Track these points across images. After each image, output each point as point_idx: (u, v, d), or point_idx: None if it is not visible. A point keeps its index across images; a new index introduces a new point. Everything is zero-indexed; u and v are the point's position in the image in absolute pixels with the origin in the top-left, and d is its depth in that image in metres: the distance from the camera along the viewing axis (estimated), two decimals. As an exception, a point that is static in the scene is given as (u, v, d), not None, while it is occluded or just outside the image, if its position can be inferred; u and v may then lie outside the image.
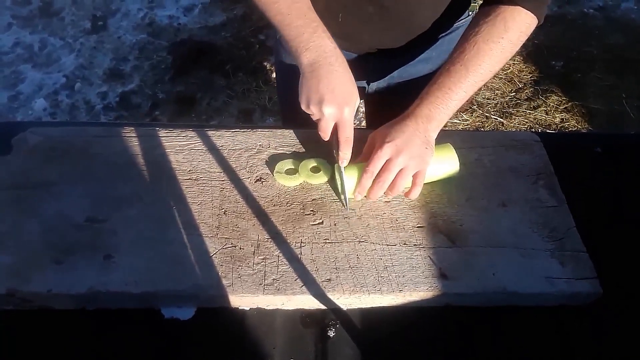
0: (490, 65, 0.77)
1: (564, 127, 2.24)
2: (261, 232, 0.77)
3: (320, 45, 0.76)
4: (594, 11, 2.81)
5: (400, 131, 0.76)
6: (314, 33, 0.76)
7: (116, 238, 0.75)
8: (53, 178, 0.82)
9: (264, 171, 0.85)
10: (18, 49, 2.53)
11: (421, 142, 0.76)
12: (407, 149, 0.75)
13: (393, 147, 0.75)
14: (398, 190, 0.77)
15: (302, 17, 0.76)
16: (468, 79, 0.77)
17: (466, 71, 0.76)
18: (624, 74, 2.47)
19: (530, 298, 0.73)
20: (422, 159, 0.77)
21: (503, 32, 0.76)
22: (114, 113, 2.30)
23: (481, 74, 0.77)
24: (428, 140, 0.77)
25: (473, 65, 0.76)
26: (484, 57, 0.76)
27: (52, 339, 0.69)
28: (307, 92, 0.77)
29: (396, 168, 0.75)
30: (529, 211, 0.81)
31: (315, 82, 0.76)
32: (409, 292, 0.71)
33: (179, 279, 0.71)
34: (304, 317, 0.72)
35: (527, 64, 2.52)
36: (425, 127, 0.77)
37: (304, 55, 0.76)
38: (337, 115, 0.77)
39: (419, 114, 0.77)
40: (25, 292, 0.69)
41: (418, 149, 0.76)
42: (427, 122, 0.77)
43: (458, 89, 0.77)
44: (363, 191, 0.78)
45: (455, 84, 0.77)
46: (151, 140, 0.88)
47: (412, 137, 0.76)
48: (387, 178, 0.76)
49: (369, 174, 0.76)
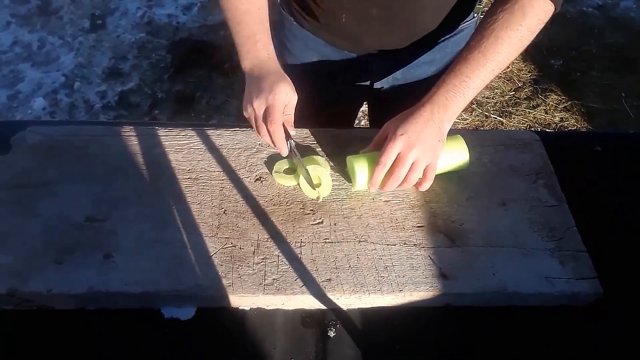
0: (508, 53, 0.76)
1: (563, 126, 2.24)
2: (261, 232, 0.76)
3: (256, 56, 0.82)
4: (593, 10, 2.81)
5: (414, 122, 0.76)
6: (254, 45, 0.82)
7: (116, 238, 0.75)
8: (52, 177, 0.82)
9: (263, 170, 0.85)
10: (17, 48, 2.53)
11: (434, 135, 0.76)
12: (419, 142, 0.75)
13: (406, 140, 0.75)
14: (411, 184, 0.78)
15: (248, 29, 0.83)
16: (486, 67, 0.76)
17: (484, 59, 0.76)
18: (623, 73, 2.47)
19: (530, 298, 0.73)
20: (434, 152, 0.76)
21: (521, 20, 0.75)
22: (113, 112, 2.29)
23: (499, 61, 0.76)
24: (441, 133, 0.77)
25: (491, 53, 0.75)
26: (502, 45, 0.75)
27: (52, 339, 0.69)
28: (245, 96, 0.82)
29: (409, 162, 0.75)
30: (529, 210, 0.81)
31: (249, 87, 0.81)
32: (409, 292, 0.71)
33: (179, 279, 0.71)
34: (304, 317, 0.72)
35: (527, 63, 2.52)
36: (440, 117, 0.76)
37: (243, 63, 0.83)
38: (263, 105, 0.78)
39: (435, 102, 0.77)
40: (25, 292, 0.69)
41: (431, 142, 0.76)
42: (443, 111, 0.76)
43: (476, 77, 0.76)
44: (376, 183, 0.78)
45: (473, 72, 0.76)
46: (150, 139, 0.88)
47: (425, 129, 0.75)
48: (402, 173, 0.76)
49: (381, 166, 0.76)
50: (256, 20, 0.83)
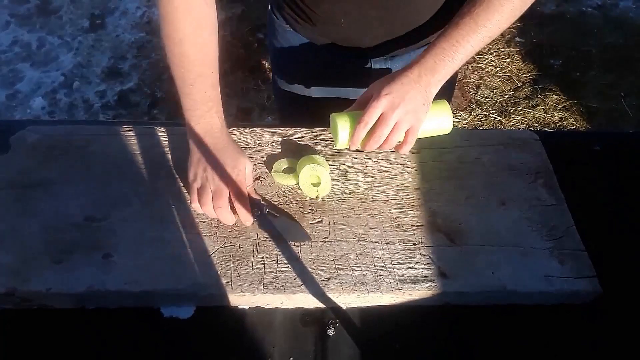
0: (499, 21, 0.75)
1: (562, 125, 2.24)
2: (260, 231, 0.76)
3: (209, 123, 0.78)
4: (592, 10, 2.81)
5: (400, 83, 0.75)
6: (208, 111, 0.78)
7: (115, 237, 0.75)
8: (51, 177, 0.82)
9: (262, 170, 0.85)
10: (16, 48, 2.53)
11: (419, 97, 0.75)
12: (404, 104, 0.74)
13: (390, 100, 0.74)
14: (391, 145, 0.77)
15: (201, 94, 0.78)
16: (477, 33, 0.75)
17: (475, 25, 0.75)
18: (623, 72, 2.47)
19: (530, 297, 0.73)
20: (417, 115, 0.75)
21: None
22: (112, 111, 2.29)
23: (490, 29, 0.76)
24: (426, 96, 0.76)
25: (482, 20, 0.75)
26: (494, 13, 0.75)
27: (51, 339, 0.69)
28: (195, 166, 0.78)
29: (392, 122, 0.74)
30: (528, 210, 0.81)
31: (202, 157, 0.77)
32: (408, 291, 0.71)
33: (178, 278, 0.71)
34: (304, 316, 0.72)
35: (526, 62, 2.52)
36: (427, 80, 0.75)
37: (194, 128, 0.78)
38: (226, 181, 0.76)
39: (424, 65, 0.76)
40: (25, 292, 0.69)
41: (415, 105, 0.75)
42: (430, 74, 0.76)
43: (466, 43, 0.75)
44: (357, 142, 0.76)
45: (463, 37, 0.75)
46: (150, 138, 0.88)
47: (410, 91, 0.74)
48: (383, 132, 0.75)
49: (363, 124, 0.75)
50: (209, 85, 0.78)
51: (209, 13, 0.77)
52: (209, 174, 0.76)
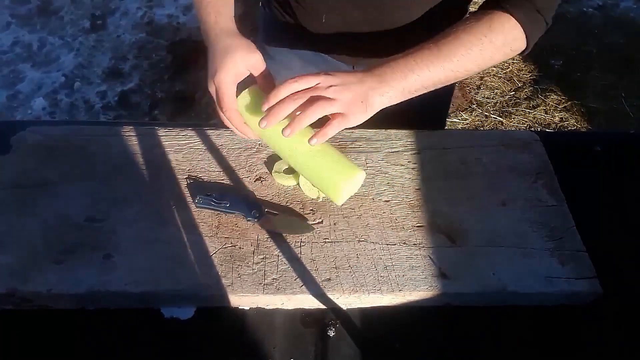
0: (465, 59, 0.72)
1: (563, 126, 2.24)
2: (261, 232, 0.76)
3: (221, 27, 0.75)
4: (593, 10, 2.81)
5: (344, 73, 0.70)
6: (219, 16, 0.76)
7: (116, 237, 0.75)
8: (52, 177, 0.82)
9: (263, 170, 0.85)
10: (17, 48, 2.53)
11: (360, 93, 0.68)
12: (341, 87, 0.67)
13: (329, 77, 0.68)
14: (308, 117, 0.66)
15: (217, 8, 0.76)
16: (438, 61, 0.71)
17: (438, 52, 0.71)
18: (623, 73, 2.47)
19: (530, 297, 0.73)
20: (351, 107, 0.68)
21: (486, 31, 0.72)
22: (113, 112, 2.29)
23: (453, 62, 0.72)
24: (367, 98, 0.69)
25: (446, 50, 0.71)
26: (460, 48, 0.72)
27: (52, 339, 0.69)
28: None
29: (320, 92, 0.67)
30: (529, 210, 0.81)
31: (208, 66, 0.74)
32: (409, 292, 0.71)
33: (179, 279, 0.71)
34: (304, 317, 0.72)
35: (526, 63, 2.52)
36: (372, 84, 0.69)
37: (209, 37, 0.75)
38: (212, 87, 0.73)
39: (372, 71, 0.71)
40: (25, 292, 0.69)
41: (352, 96, 0.68)
42: (376, 81, 0.70)
43: (424, 66, 0.71)
44: (268, 104, 0.67)
45: (422, 60, 0.71)
46: (150, 139, 0.88)
47: (352, 84, 0.68)
48: (303, 95, 0.67)
49: (288, 83, 0.68)
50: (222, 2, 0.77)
51: None
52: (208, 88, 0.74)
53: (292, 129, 0.67)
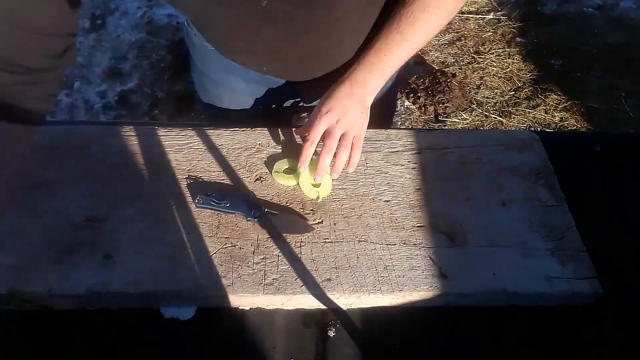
0: (425, 33, 0.78)
1: (563, 126, 2.24)
2: (261, 232, 0.76)
3: None
4: (593, 10, 2.81)
5: (335, 98, 0.79)
6: None
7: (116, 237, 0.75)
8: (52, 177, 0.82)
9: (263, 170, 0.85)
10: (17, 48, 2.52)
11: (357, 108, 0.79)
12: (344, 117, 0.78)
13: (331, 116, 0.78)
14: (344, 160, 0.79)
15: None
16: (403, 46, 0.78)
17: (402, 39, 0.77)
18: (623, 72, 2.47)
19: (530, 298, 0.73)
20: (359, 124, 0.80)
21: (439, 3, 0.76)
22: (113, 112, 2.29)
23: (416, 41, 0.79)
24: (363, 105, 0.80)
25: (409, 34, 0.77)
26: (419, 26, 0.77)
27: (52, 339, 0.69)
28: None
29: (338, 134, 0.78)
30: (529, 210, 0.81)
31: None
32: (409, 292, 0.71)
33: (179, 279, 0.71)
34: (304, 317, 0.72)
35: (526, 63, 2.52)
36: (360, 92, 0.79)
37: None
38: None
39: (354, 79, 0.79)
40: (25, 292, 0.69)
41: (355, 115, 0.79)
42: (362, 87, 0.79)
43: (393, 56, 0.78)
44: (307, 160, 0.79)
45: (390, 51, 0.78)
46: (150, 139, 0.88)
47: (347, 104, 0.78)
48: (332, 144, 0.78)
49: (309, 142, 0.78)
50: None
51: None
52: None
53: (337, 172, 0.80)
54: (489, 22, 2.76)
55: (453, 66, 2.51)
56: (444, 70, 2.45)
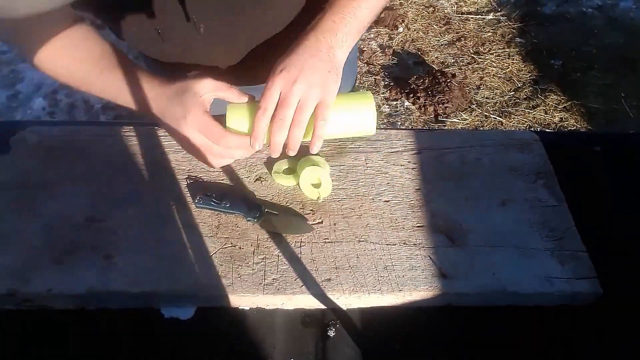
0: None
1: (563, 126, 2.24)
2: (261, 232, 0.77)
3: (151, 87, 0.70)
4: (592, 10, 2.82)
5: (295, 54, 0.64)
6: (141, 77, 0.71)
7: (116, 238, 0.75)
8: (52, 178, 0.82)
9: (263, 170, 0.85)
10: (17, 48, 2.53)
11: (322, 65, 0.64)
12: (302, 75, 0.63)
13: (286, 76, 0.63)
14: (302, 127, 0.65)
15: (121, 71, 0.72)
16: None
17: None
18: (623, 73, 2.47)
19: (530, 298, 0.73)
20: (325, 86, 0.64)
21: None
22: (113, 112, 2.29)
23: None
24: (332, 62, 0.65)
25: None
26: None
27: (52, 339, 0.69)
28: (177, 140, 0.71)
29: (294, 99, 0.63)
30: (529, 210, 0.81)
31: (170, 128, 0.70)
32: (409, 292, 0.71)
33: (179, 279, 0.71)
34: (304, 317, 0.72)
35: (526, 63, 2.52)
36: (327, 43, 0.65)
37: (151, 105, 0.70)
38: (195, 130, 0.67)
39: (320, 27, 0.65)
40: (25, 292, 0.69)
41: (319, 74, 0.64)
42: (330, 35, 0.65)
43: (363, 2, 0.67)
44: (260, 135, 0.65)
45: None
46: (150, 139, 0.88)
47: (310, 60, 0.64)
48: (286, 114, 0.63)
49: (262, 111, 0.64)
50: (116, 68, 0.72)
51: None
52: (185, 138, 0.67)
53: (293, 149, 0.67)
54: (489, 22, 2.76)
55: (453, 66, 2.52)
56: (444, 71, 2.45)
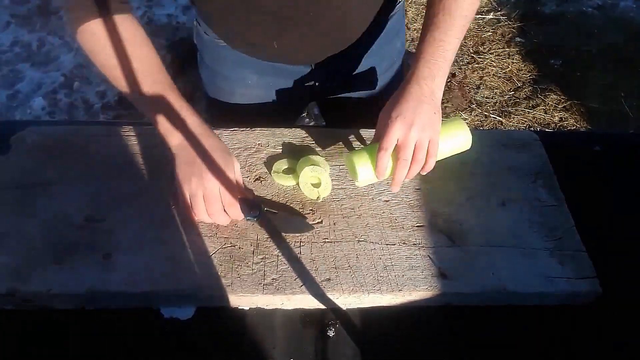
0: (470, 4, 0.76)
1: (562, 126, 2.24)
2: (260, 232, 0.76)
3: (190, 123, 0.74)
4: (593, 10, 2.81)
5: (405, 102, 0.74)
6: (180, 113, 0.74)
7: (115, 237, 0.75)
8: (52, 177, 0.82)
9: (262, 170, 0.85)
10: (16, 48, 2.52)
11: (429, 109, 0.74)
12: (417, 120, 0.73)
13: (403, 121, 0.73)
14: (420, 164, 0.76)
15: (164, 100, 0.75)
16: (455, 25, 0.76)
17: (450, 18, 0.75)
18: (623, 72, 2.47)
19: (530, 297, 0.73)
20: (433, 127, 0.75)
21: None
22: (112, 112, 2.29)
23: (465, 16, 0.76)
24: (435, 104, 0.76)
25: (455, 10, 0.75)
26: (462, 2, 0.76)
27: (52, 339, 0.69)
28: (183, 178, 0.73)
29: (412, 142, 0.73)
30: (529, 210, 0.81)
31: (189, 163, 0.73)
32: (409, 292, 0.71)
33: (178, 279, 0.71)
34: (304, 317, 0.72)
35: (526, 63, 2.52)
36: (430, 88, 0.75)
37: (175, 137, 0.74)
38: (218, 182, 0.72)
39: (420, 76, 0.75)
40: (25, 292, 0.69)
41: (427, 117, 0.74)
42: (430, 81, 0.75)
43: (450, 38, 0.75)
44: (383, 171, 0.76)
45: (446, 34, 0.75)
46: (150, 139, 0.88)
47: (419, 105, 0.74)
48: (407, 155, 0.74)
49: (383, 151, 0.74)
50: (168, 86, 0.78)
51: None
52: (201, 180, 0.71)
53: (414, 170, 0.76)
54: (489, 22, 2.76)
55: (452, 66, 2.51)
56: (444, 70, 2.44)
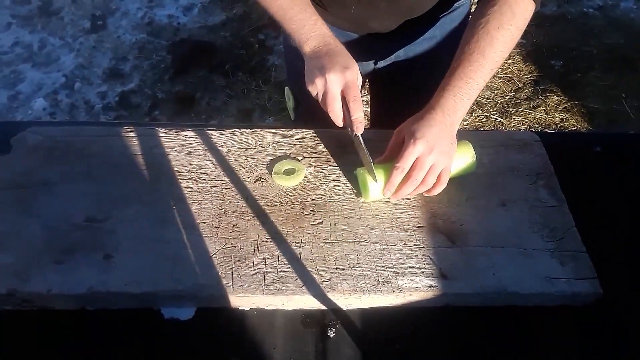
0: (502, 51, 0.80)
1: (563, 126, 2.24)
2: (261, 232, 0.77)
3: (320, 34, 0.82)
4: (593, 11, 2.81)
5: (429, 126, 0.77)
6: (315, 25, 0.82)
7: (116, 238, 0.75)
8: (52, 178, 0.82)
9: (263, 171, 0.85)
10: (17, 49, 2.53)
11: (448, 137, 0.78)
12: (437, 146, 0.76)
13: (425, 144, 0.75)
14: (427, 187, 0.78)
15: (302, 12, 0.83)
16: (485, 67, 0.79)
17: (483, 59, 0.79)
18: (624, 73, 2.47)
19: (530, 298, 0.73)
20: (449, 155, 0.78)
21: (511, 19, 0.79)
22: (113, 113, 2.29)
23: (496, 61, 0.80)
24: (453, 135, 0.79)
25: (489, 53, 0.79)
26: (497, 44, 0.79)
27: (52, 339, 0.69)
28: (311, 71, 0.81)
29: (427, 165, 0.76)
30: (529, 211, 0.81)
31: (317, 61, 0.80)
32: (409, 292, 0.71)
33: (179, 279, 0.71)
34: (304, 317, 0.72)
35: (527, 63, 2.52)
36: (451, 120, 0.78)
37: (307, 44, 0.82)
38: (340, 80, 0.78)
39: (445, 105, 0.78)
40: (25, 292, 0.69)
41: (446, 145, 0.77)
42: (453, 114, 0.78)
43: (478, 77, 0.79)
44: (392, 188, 0.78)
45: (475, 73, 0.79)
46: (151, 140, 0.88)
47: (440, 133, 0.77)
48: (419, 176, 0.76)
49: (399, 170, 0.76)
50: (306, 3, 0.84)
51: None
52: (330, 78, 0.78)
53: (408, 197, 0.81)
54: (489, 22, 2.75)
55: (453, 67, 2.51)
56: (444, 71, 2.45)
